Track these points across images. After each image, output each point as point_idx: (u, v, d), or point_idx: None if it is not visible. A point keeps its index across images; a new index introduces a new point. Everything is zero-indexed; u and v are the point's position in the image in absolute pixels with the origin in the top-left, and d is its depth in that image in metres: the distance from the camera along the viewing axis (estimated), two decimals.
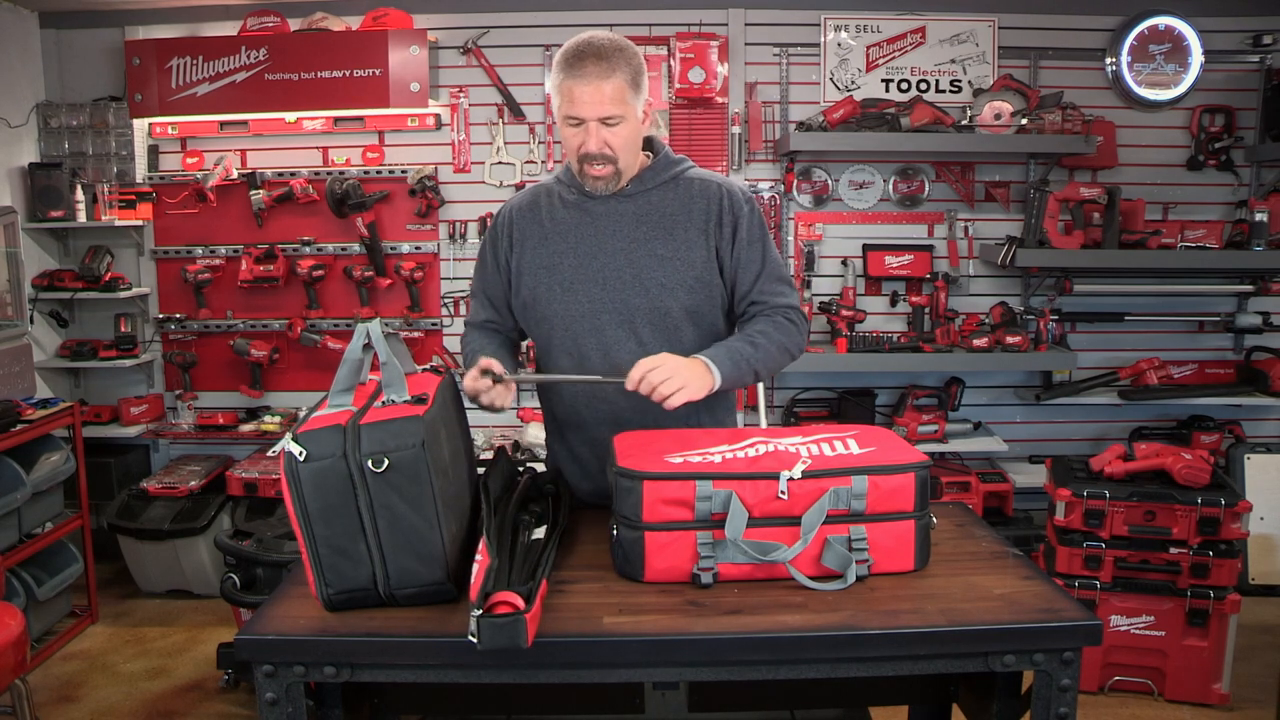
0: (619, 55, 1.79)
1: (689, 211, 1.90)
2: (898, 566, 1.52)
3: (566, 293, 1.90)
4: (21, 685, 2.45)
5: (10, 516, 3.20)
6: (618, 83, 1.78)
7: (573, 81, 1.78)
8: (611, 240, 1.89)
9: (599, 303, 1.88)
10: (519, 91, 4.02)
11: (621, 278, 1.87)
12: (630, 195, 1.90)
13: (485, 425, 4.06)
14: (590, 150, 1.80)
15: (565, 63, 1.80)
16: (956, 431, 4.01)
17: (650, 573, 1.49)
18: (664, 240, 1.88)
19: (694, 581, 1.48)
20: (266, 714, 1.36)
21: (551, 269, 1.91)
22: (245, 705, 3.04)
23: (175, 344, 4.19)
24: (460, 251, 4.11)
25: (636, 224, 1.89)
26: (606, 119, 1.78)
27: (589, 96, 1.77)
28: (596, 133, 1.79)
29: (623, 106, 1.79)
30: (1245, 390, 3.95)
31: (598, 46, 1.79)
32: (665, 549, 1.48)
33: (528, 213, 1.96)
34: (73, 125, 4.07)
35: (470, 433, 1.81)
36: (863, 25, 3.99)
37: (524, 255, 1.93)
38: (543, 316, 1.93)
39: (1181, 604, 2.93)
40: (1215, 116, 4.02)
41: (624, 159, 1.84)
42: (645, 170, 1.91)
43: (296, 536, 1.37)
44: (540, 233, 1.93)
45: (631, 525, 1.49)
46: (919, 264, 4.04)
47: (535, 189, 2.01)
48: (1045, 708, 1.38)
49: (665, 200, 1.90)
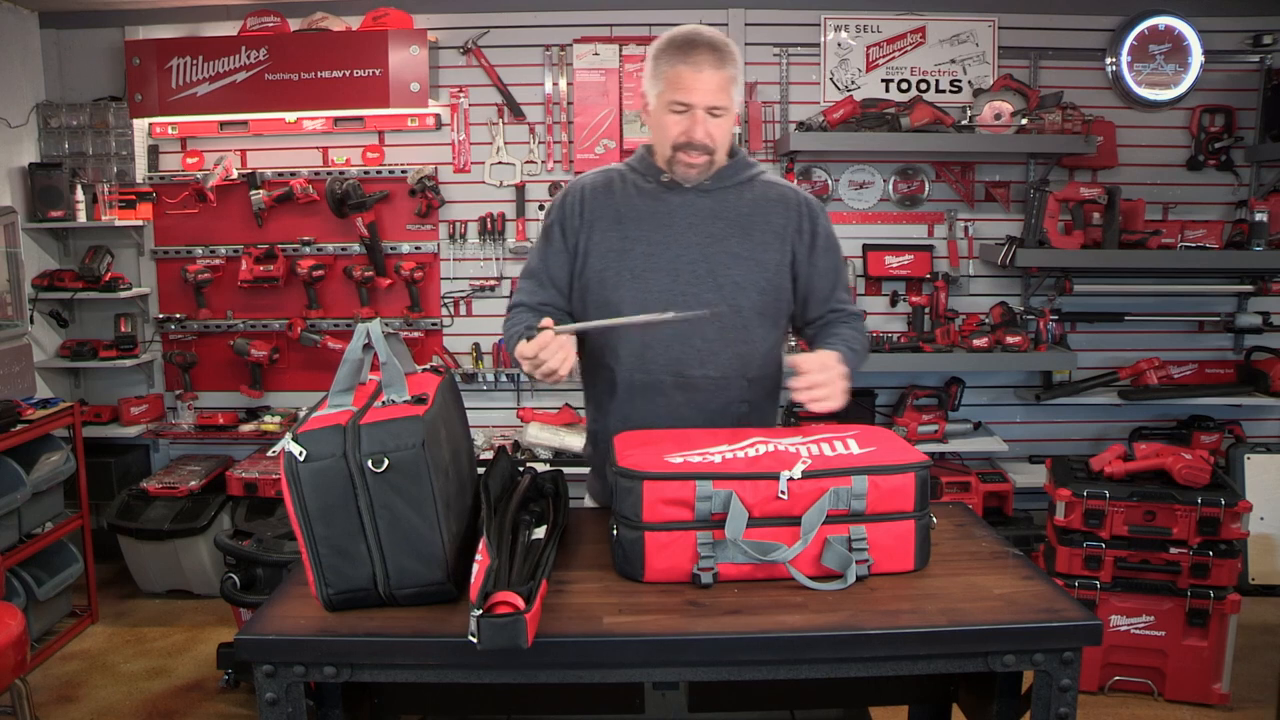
0: (728, 49, 1.81)
1: (766, 215, 1.90)
2: (898, 566, 1.52)
3: (636, 280, 1.87)
4: (21, 685, 2.45)
5: (10, 516, 3.20)
6: (729, 74, 1.79)
7: (686, 67, 1.77)
8: (687, 233, 1.87)
9: (669, 294, 1.85)
10: (519, 91, 4.02)
11: (695, 271, 1.86)
12: (708, 191, 1.89)
13: (485, 425, 4.07)
14: (696, 138, 1.80)
15: (675, 48, 1.79)
16: (956, 431, 4.01)
17: (650, 573, 1.49)
18: (740, 239, 1.88)
19: (694, 582, 1.48)
20: (266, 714, 1.36)
21: (622, 254, 1.88)
22: (245, 705, 3.04)
23: (175, 344, 4.19)
24: (460, 251, 4.11)
25: (713, 220, 1.88)
26: (713, 108, 1.78)
27: (702, 84, 1.77)
28: (704, 121, 1.79)
29: (728, 99, 1.80)
30: (1245, 390, 3.95)
31: (710, 38, 1.80)
32: (665, 549, 1.48)
33: (601, 192, 1.92)
34: (73, 125, 4.07)
35: (470, 433, 1.81)
36: (863, 25, 3.99)
37: (593, 235, 1.90)
38: (606, 301, 1.88)
39: (1181, 604, 2.93)
40: (1215, 116, 4.02)
41: (720, 153, 1.85)
42: (723, 168, 1.90)
43: (296, 536, 1.37)
44: (613, 215, 1.90)
45: (631, 525, 1.49)
46: (919, 264, 4.04)
47: (605, 170, 1.98)
48: (1045, 708, 1.38)
49: (742, 200, 1.90)
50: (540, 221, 2.02)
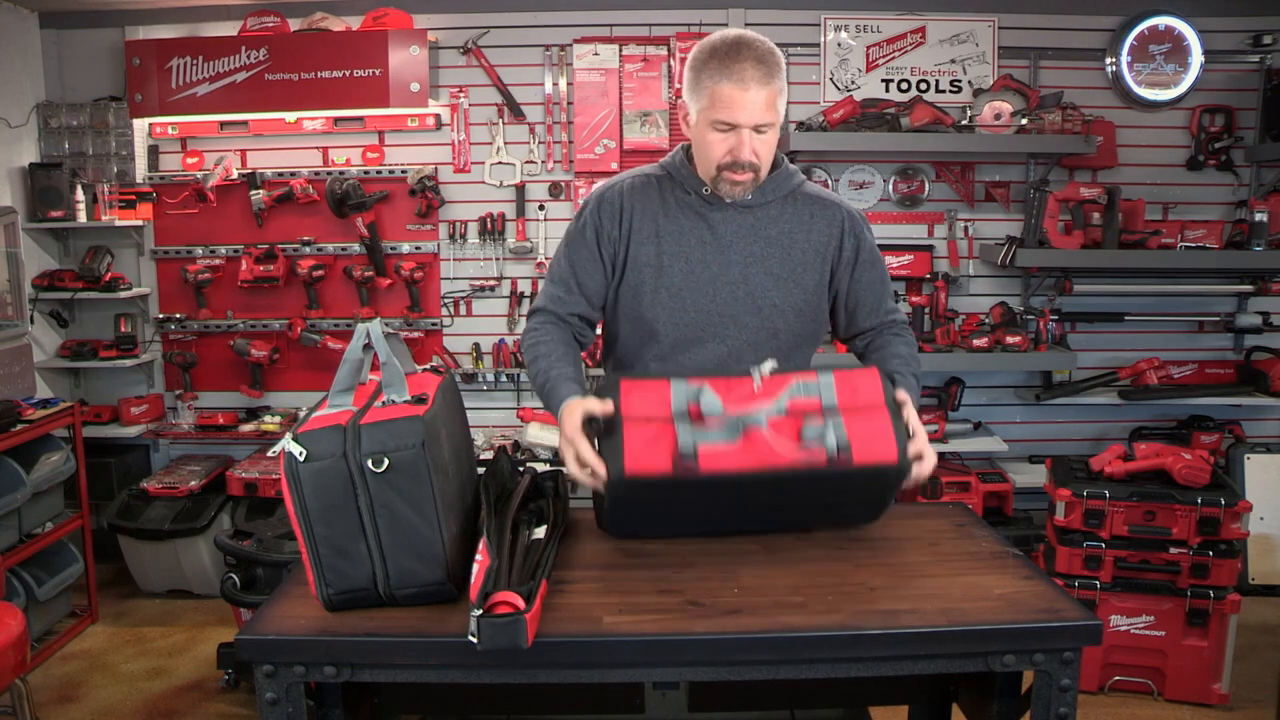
0: (774, 59, 1.69)
1: (808, 232, 1.84)
2: (881, 456, 1.52)
3: (673, 299, 1.82)
4: (21, 685, 2.45)
5: (10, 516, 3.20)
6: (777, 87, 1.69)
7: (730, 85, 1.66)
8: (727, 253, 1.82)
9: (706, 314, 1.82)
10: (519, 91, 4.02)
11: (735, 293, 1.82)
12: (750, 207, 1.82)
13: (485, 425, 4.07)
14: (743, 158, 1.71)
15: (718, 62, 1.68)
16: (956, 431, 4.01)
17: (631, 462, 1.49)
18: (781, 259, 1.83)
19: (676, 472, 1.47)
20: (266, 714, 1.36)
21: (660, 270, 1.82)
22: (245, 705, 3.04)
23: (175, 344, 4.19)
24: (460, 251, 4.11)
25: (754, 239, 1.82)
26: (760, 126, 1.69)
27: (750, 103, 1.66)
28: (750, 141, 1.70)
29: (775, 114, 1.71)
30: (1245, 390, 3.95)
31: (756, 48, 1.68)
32: (644, 439, 1.49)
33: (640, 202, 1.84)
34: (73, 125, 4.07)
35: (470, 433, 1.81)
36: (863, 25, 3.99)
37: (630, 248, 1.83)
38: (640, 317, 1.85)
39: (1181, 604, 2.93)
40: (1215, 116, 4.02)
41: (765, 169, 1.77)
42: (766, 181, 1.81)
43: (296, 536, 1.37)
44: (653, 228, 1.83)
45: (609, 420, 1.53)
46: (919, 264, 4.04)
47: (642, 175, 1.89)
48: (1045, 708, 1.38)
49: (784, 216, 1.84)
50: (569, 222, 1.93)
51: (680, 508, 1.62)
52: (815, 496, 1.61)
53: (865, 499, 1.65)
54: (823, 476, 1.52)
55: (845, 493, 1.61)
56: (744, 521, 1.69)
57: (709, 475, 1.49)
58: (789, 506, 1.64)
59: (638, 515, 1.65)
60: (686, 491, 1.54)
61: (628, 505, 1.60)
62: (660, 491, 1.54)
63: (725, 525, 1.69)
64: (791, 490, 1.57)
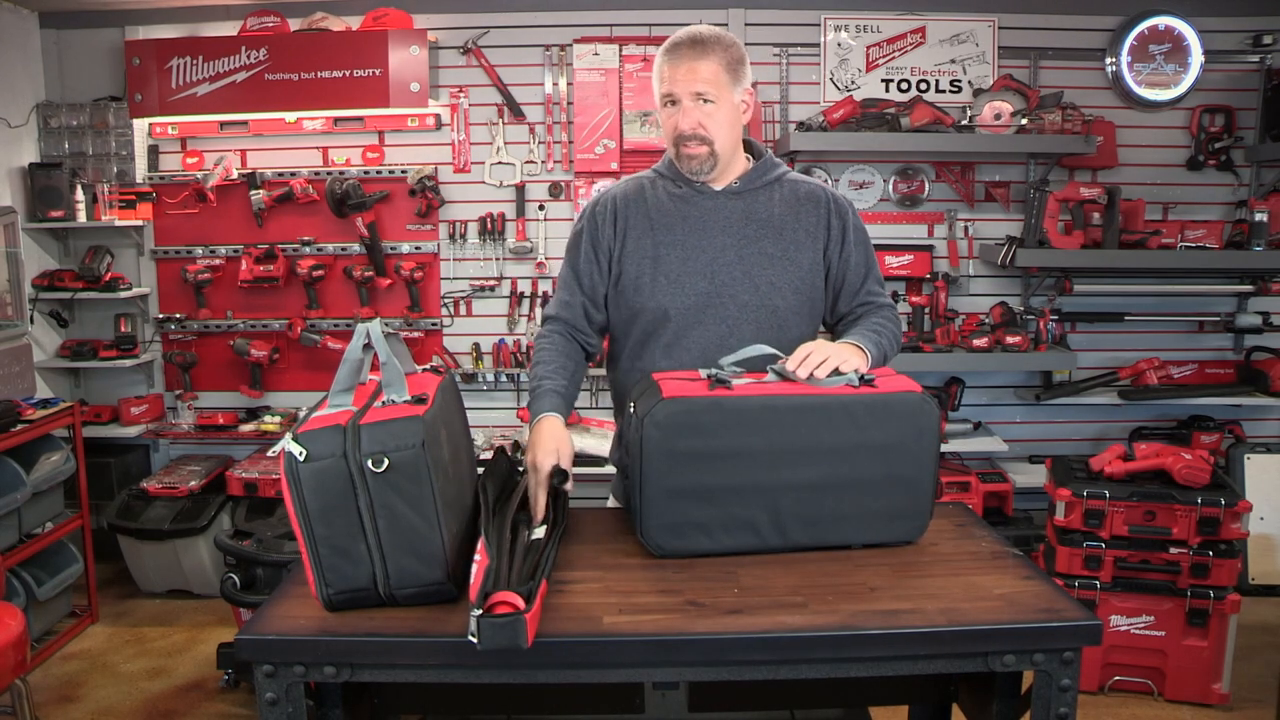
0: (715, 42, 1.83)
1: (797, 214, 1.92)
2: (905, 386, 1.62)
3: (672, 285, 1.89)
4: (21, 685, 2.45)
5: (10, 516, 3.20)
6: (712, 65, 1.81)
7: (669, 64, 1.83)
8: (720, 236, 1.89)
9: (706, 297, 1.88)
10: (519, 91, 4.02)
11: (731, 274, 1.88)
12: (738, 193, 1.92)
13: (485, 425, 4.07)
14: (683, 129, 1.83)
15: (665, 51, 1.85)
16: (956, 431, 4.01)
17: (669, 392, 1.58)
18: (774, 239, 1.90)
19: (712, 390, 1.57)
20: (266, 714, 1.36)
21: (656, 260, 1.90)
22: (245, 705, 3.04)
23: (175, 344, 4.19)
24: (460, 251, 4.11)
25: (745, 222, 1.90)
26: (700, 95, 1.81)
27: (681, 74, 1.81)
28: (690, 112, 1.82)
29: (716, 88, 1.82)
30: (1245, 390, 3.95)
31: (695, 33, 1.84)
32: (679, 383, 1.62)
33: (633, 200, 1.95)
34: (73, 125, 4.07)
35: (470, 433, 1.81)
36: (863, 25, 3.99)
37: (626, 244, 1.92)
38: (642, 307, 1.91)
39: (1181, 604, 2.93)
40: (1215, 116, 4.02)
41: (720, 142, 1.85)
42: (750, 170, 1.94)
43: (296, 536, 1.37)
44: (645, 222, 1.92)
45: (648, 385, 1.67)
46: (919, 264, 4.04)
47: (635, 179, 2.00)
48: (1045, 708, 1.38)
49: (772, 201, 1.92)
50: (571, 224, 2.05)
51: (717, 468, 1.55)
52: (851, 452, 1.57)
53: (904, 457, 1.59)
54: (853, 408, 1.58)
55: (886, 450, 1.58)
56: (781, 502, 1.59)
57: (742, 397, 1.56)
58: (826, 485, 1.58)
59: (675, 487, 1.56)
60: (720, 434, 1.55)
61: (661, 464, 1.54)
62: (695, 434, 1.55)
63: (762, 507, 1.59)
64: (825, 435, 1.56)
